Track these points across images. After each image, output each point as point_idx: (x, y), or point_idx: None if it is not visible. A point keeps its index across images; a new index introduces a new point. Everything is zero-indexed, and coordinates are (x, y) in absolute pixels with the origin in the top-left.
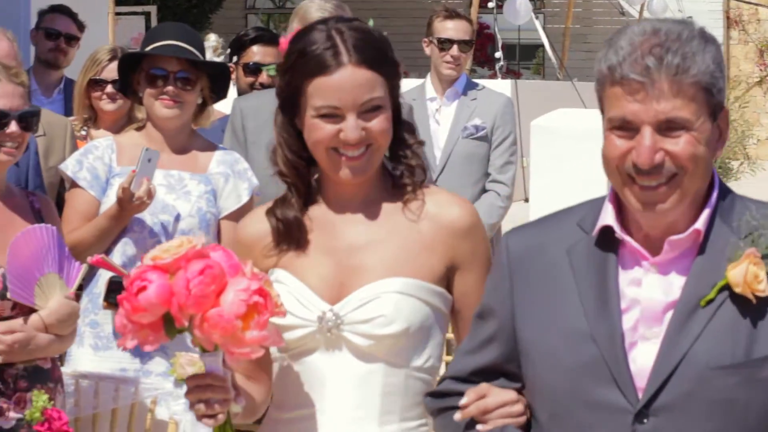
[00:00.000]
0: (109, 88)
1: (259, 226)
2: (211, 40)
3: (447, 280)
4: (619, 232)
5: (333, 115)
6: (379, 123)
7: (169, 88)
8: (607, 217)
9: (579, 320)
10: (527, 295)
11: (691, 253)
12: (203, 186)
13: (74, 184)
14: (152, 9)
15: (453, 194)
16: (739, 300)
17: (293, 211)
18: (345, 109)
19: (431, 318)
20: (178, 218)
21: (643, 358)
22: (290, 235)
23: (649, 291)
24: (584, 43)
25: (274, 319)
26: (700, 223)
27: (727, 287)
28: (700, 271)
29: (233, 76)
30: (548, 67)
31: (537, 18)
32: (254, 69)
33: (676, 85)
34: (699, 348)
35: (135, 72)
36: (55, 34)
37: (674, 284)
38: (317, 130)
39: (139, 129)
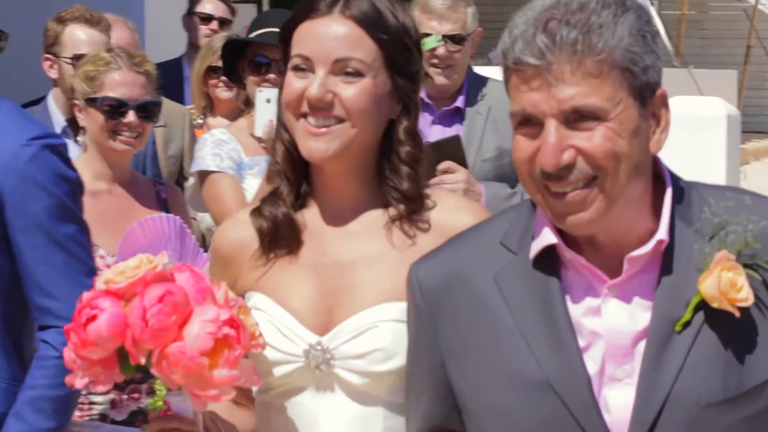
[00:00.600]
0: None
1: (241, 232)
2: None
3: None
4: (568, 252)
5: (304, 69)
6: (354, 92)
7: (271, 75)
8: (547, 234)
9: (528, 365)
10: (455, 338)
11: (652, 268)
12: None
13: (208, 175)
14: None
15: (462, 199)
16: (720, 316)
17: (284, 207)
18: (316, 62)
19: None
20: None
21: (617, 404)
22: (279, 238)
23: (611, 320)
24: (700, 29)
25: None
26: (663, 232)
27: (703, 304)
28: (669, 289)
29: None
30: (664, 54)
31: (652, 4)
32: None
33: (578, 66)
34: (684, 384)
35: (241, 59)
36: (208, 18)
37: (639, 308)
38: (286, 87)
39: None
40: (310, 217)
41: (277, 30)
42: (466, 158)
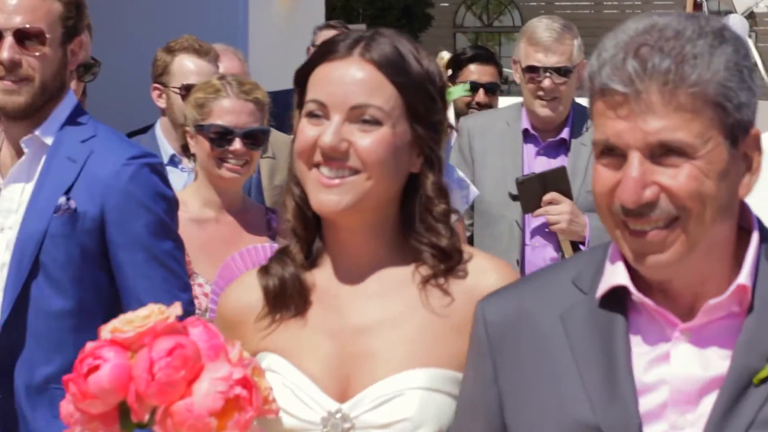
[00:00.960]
0: None
1: (247, 296)
2: (445, 58)
3: None
4: (636, 294)
5: (319, 116)
6: (371, 142)
7: None
8: (618, 274)
9: (581, 409)
10: (515, 378)
11: (733, 315)
12: None
13: None
14: (362, 28)
15: (490, 258)
16: None
17: (292, 267)
18: (331, 108)
19: None
20: None
21: None
22: (286, 299)
23: (680, 366)
24: None
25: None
26: (744, 276)
27: None
28: (751, 339)
29: None
30: (761, 87)
31: (750, 37)
32: (471, 87)
33: (669, 97)
34: None
35: None
36: None
37: (715, 355)
38: (298, 135)
39: None
40: (324, 276)
41: None
42: (571, 189)
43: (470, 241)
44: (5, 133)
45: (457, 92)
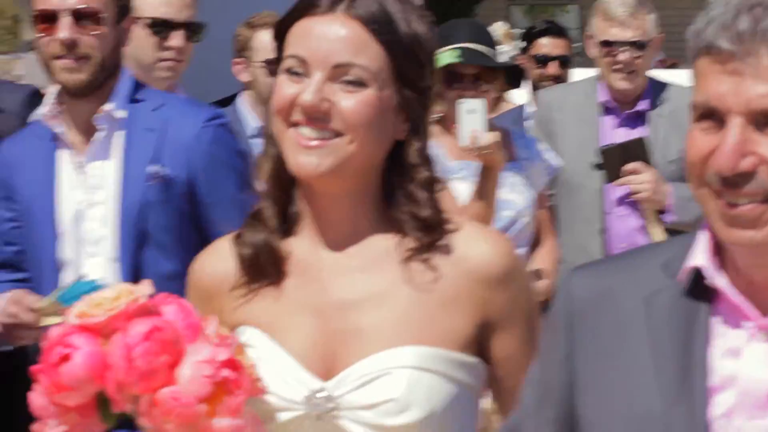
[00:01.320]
0: None
1: (222, 264)
2: (500, 30)
3: (479, 343)
4: (711, 278)
5: (299, 73)
6: (355, 103)
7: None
8: (698, 254)
9: (651, 399)
10: (590, 359)
11: None
12: (520, 174)
13: None
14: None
15: (482, 228)
16: None
17: (264, 234)
18: (312, 65)
19: (457, 398)
20: (519, 212)
21: None
22: (259, 268)
23: (751, 366)
24: None
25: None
26: None
27: None
28: None
29: None
30: None
31: None
32: (543, 60)
33: None
34: None
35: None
36: None
37: None
38: (276, 91)
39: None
40: (303, 246)
41: (469, 46)
42: (650, 160)
43: (551, 209)
44: (70, 112)
45: (446, 58)
